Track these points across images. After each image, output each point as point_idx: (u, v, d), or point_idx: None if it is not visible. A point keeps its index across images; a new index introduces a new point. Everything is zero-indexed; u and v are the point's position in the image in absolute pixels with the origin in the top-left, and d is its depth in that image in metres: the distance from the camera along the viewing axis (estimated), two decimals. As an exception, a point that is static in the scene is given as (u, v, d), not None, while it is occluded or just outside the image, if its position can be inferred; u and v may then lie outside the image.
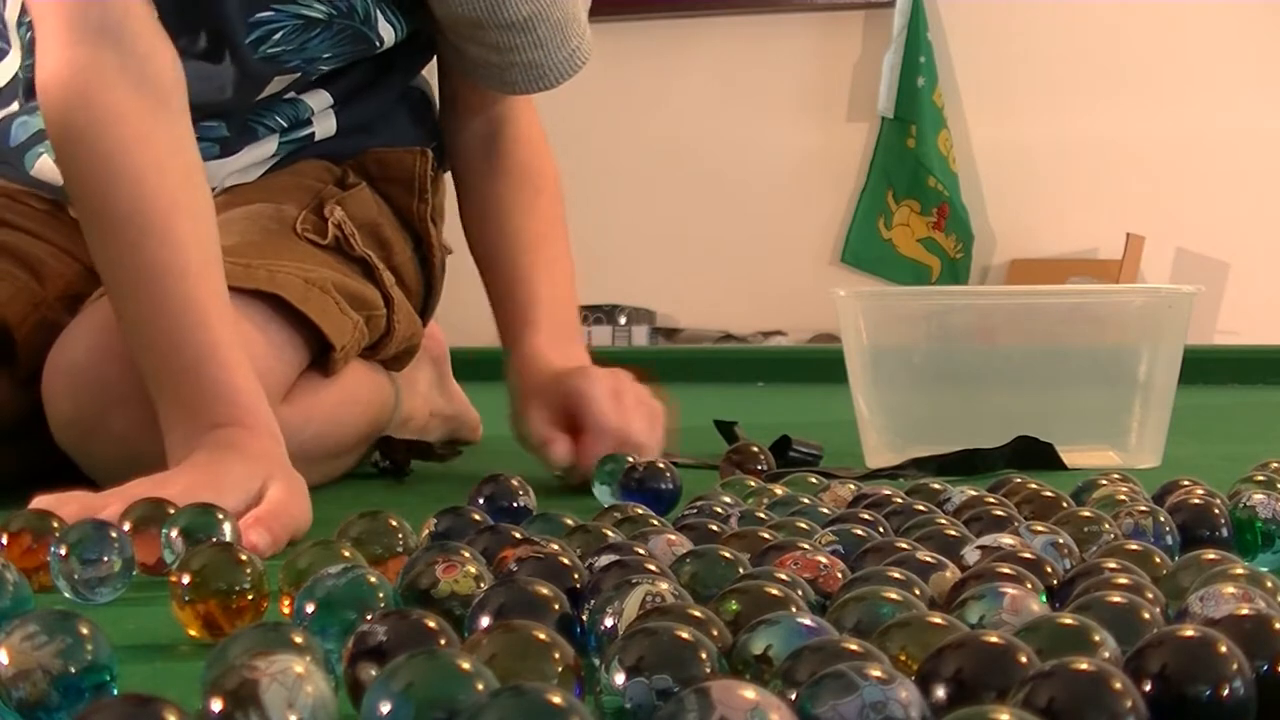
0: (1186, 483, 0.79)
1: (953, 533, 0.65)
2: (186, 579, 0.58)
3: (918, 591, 0.53)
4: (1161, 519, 0.69)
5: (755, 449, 1.06)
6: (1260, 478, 0.81)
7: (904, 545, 0.61)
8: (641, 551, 0.60)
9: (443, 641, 0.46)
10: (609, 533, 0.67)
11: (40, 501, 0.77)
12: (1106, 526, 0.68)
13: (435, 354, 1.38)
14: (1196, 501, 0.72)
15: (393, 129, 1.24)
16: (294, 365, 1.05)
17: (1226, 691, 0.39)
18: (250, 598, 0.59)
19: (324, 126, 1.19)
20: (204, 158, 1.01)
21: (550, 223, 1.22)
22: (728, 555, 0.59)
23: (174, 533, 0.70)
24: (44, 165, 1.15)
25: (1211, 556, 0.57)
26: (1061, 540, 0.64)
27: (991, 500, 0.75)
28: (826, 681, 0.38)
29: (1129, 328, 1.20)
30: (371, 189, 1.20)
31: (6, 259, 1.10)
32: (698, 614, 0.48)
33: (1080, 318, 1.25)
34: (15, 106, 1.17)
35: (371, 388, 1.16)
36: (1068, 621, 0.45)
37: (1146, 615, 0.48)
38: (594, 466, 0.97)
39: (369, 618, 0.47)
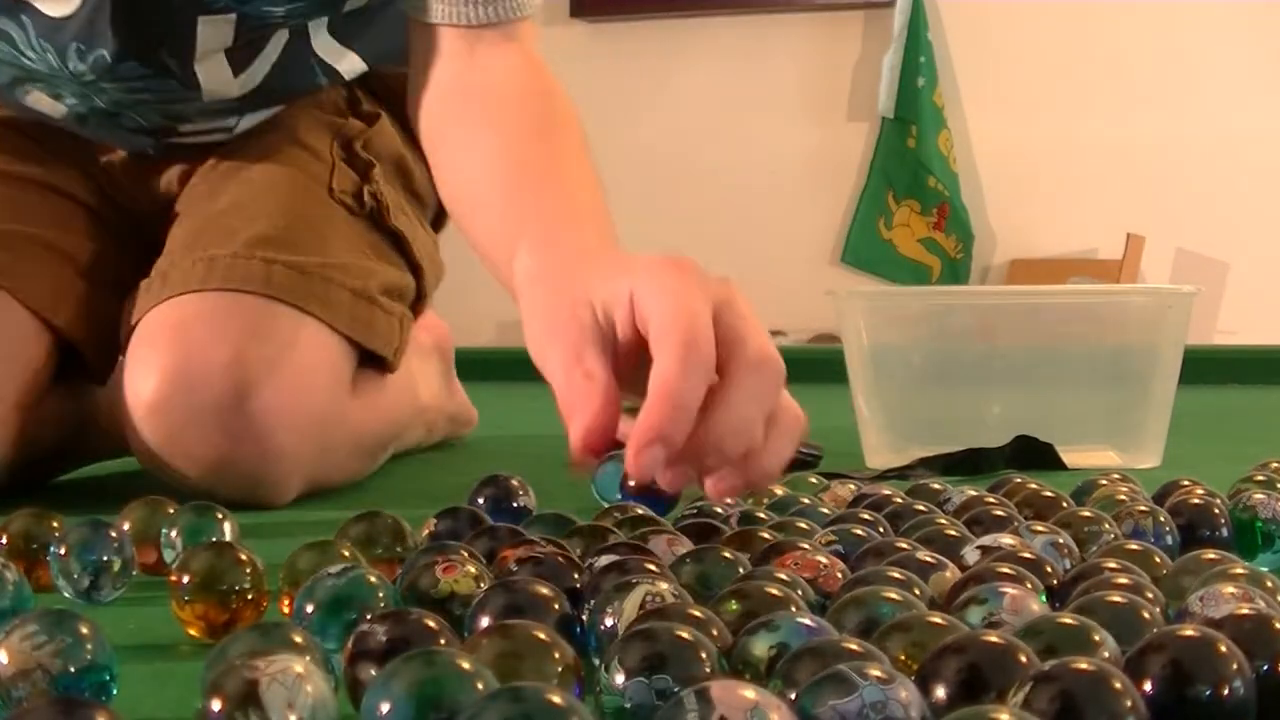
0: (1186, 483, 0.79)
1: (953, 533, 0.65)
2: (186, 579, 0.58)
3: (918, 591, 0.53)
4: (1161, 519, 0.69)
5: None
6: (1260, 478, 0.81)
7: (904, 545, 0.61)
8: (641, 552, 0.60)
9: (443, 641, 0.46)
10: (609, 533, 0.67)
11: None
12: (1106, 526, 0.68)
13: (443, 347, 1.39)
14: (1196, 501, 0.72)
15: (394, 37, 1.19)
16: (354, 361, 1.09)
17: (1226, 691, 0.39)
18: (250, 598, 0.59)
19: None
20: None
21: None
22: (728, 555, 0.59)
23: (174, 533, 0.70)
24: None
25: (1211, 556, 0.57)
26: (1061, 540, 0.64)
27: (991, 500, 0.75)
28: (826, 681, 0.38)
29: (1129, 328, 1.20)
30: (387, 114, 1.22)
31: (52, 258, 1.10)
32: (698, 614, 0.48)
33: (1080, 318, 1.25)
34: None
35: (399, 386, 1.20)
36: (1068, 621, 0.45)
37: (1146, 615, 0.48)
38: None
39: (369, 618, 0.47)
